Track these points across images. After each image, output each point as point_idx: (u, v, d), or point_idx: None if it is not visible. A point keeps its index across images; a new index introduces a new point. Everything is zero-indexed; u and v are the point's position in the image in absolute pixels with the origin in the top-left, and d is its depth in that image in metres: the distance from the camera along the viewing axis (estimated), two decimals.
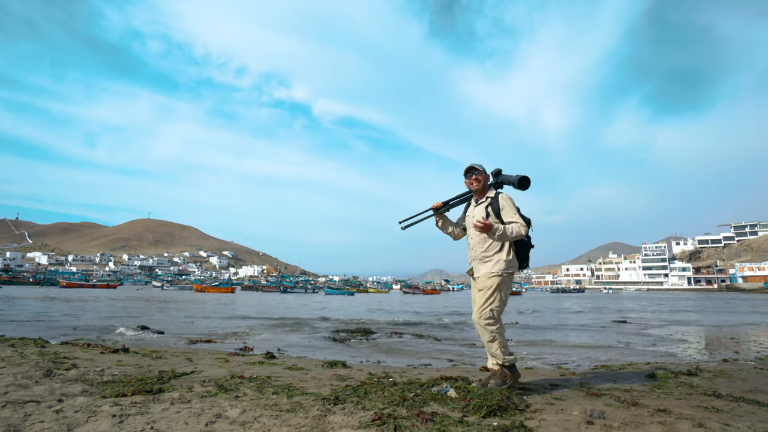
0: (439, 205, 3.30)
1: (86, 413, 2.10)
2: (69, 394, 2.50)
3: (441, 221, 3.34)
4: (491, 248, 3.06)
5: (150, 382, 3.01)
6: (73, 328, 7.30)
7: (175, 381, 3.12)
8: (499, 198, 3.13)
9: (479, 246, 3.11)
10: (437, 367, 4.75)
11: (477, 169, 3.19)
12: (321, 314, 15.13)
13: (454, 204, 3.38)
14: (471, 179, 3.20)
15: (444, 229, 3.36)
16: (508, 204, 3.10)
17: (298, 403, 2.55)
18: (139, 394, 2.59)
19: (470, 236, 3.22)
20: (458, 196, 3.38)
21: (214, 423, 2.12)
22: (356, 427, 2.17)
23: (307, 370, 3.82)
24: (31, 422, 1.94)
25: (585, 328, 11.36)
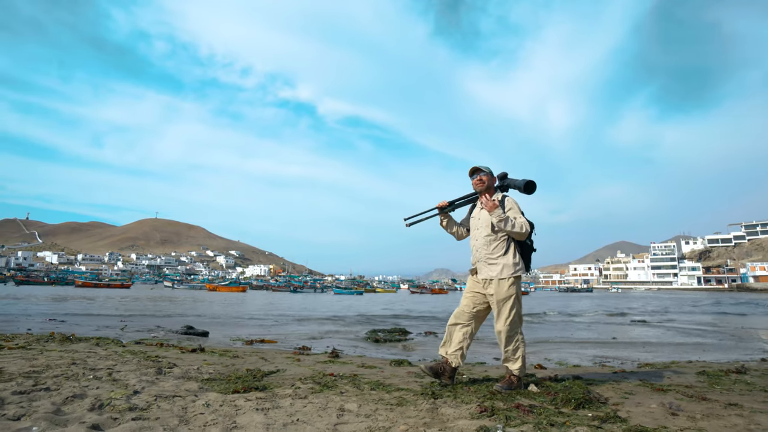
0: (444, 204, 3.36)
1: (230, 407, 2.35)
2: (193, 390, 2.74)
3: (446, 221, 3.40)
4: (497, 250, 3.10)
5: (249, 379, 3.24)
6: (121, 329, 7.60)
7: (269, 379, 3.35)
8: (505, 201, 3.17)
9: (484, 248, 3.13)
10: (491, 365, 4.98)
11: (482, 170, 3.22)
12: (341, 314, 15.39)
13: (460, 204, 3.42)
14: (476, 180, 3.23)
15: (448, 229, 3.42)
16: (515, 207, 3.14)
17: (401, 398, 2.79)
18: (251, 391, 2.82)
19: (474, 238, 3.25)
20: (464, 196, 3.42)
21: (342, 415, 2.36)
22: (470, 418, 2.39)
23: (380, 369, 4.06)
24: (192, 413, 2.18)
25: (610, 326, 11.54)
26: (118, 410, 2.13)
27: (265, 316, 13.25)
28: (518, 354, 3.08)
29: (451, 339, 3.19)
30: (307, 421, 2.21)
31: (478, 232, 3.19)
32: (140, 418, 2.02)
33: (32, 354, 3.59)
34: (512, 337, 3.07)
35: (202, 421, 2.07)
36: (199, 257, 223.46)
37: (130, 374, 3.02)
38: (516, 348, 3.09)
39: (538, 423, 2.32)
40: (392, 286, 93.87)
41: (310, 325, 10.76)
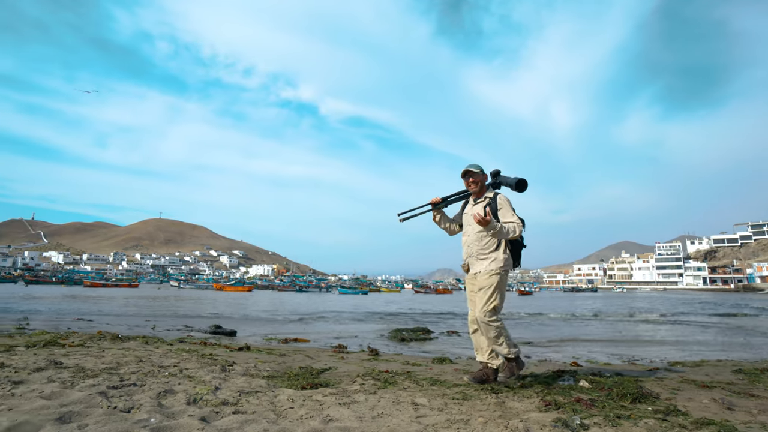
0: (437, 200, 3.41)
1: (313, 401, 2.46)
2: (263, 386, 2.85)
3: (438, 216, 3.45)
4: (488, 246, 3.15)
5: (308, 376, 3.35)
6: (152, 327, 7.74)
7: (326, 376, 3.45)
8: (497, 198, 3.21)
9: (476, 243, 3.20)
10: (530, 361, 5.09)
11: (473, 172, 3.26)
12: (353, 313, 15.51)
13: (453, 201, 3.47)
14: (468, 182, 3.29)
15: (441, 224, 3.48)
16: (506, 205, 3.18)
17: (463, 393, 2.90)
18: (318, 387, 2.92)
19: (466, 233, 3.30)
20: (457, 193, 3.46)
21: (418, 409, 2.48)
22: (540, 411, 2.51)
23: (427, 366, 4.18)
24: (282, 408, 2.30)
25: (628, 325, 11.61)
26: (213, 404, 2.26)
27: (279, 315, 13.40)
28: (501, 339, 3.07)
29: (480, 345, 3.26)
30: (390, 414, 2.33)
31: (471, 228, 3.25)
32: (239, 412, 2.14)
33: (95, 352, 3.72)
34: (489, 325, 3.05)
35: (296, 414, 2.19)
36: (202, 257, 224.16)
37: (200, 371, 3.15)
38: (497, 336, 3.07)
39: (606, 415, 2.43)
40: (396, 285, 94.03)
41: (328, 324, 10.89)
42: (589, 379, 3.43)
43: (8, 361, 3.03)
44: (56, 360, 3.13)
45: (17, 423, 1.74)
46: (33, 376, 2.62)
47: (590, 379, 3.43)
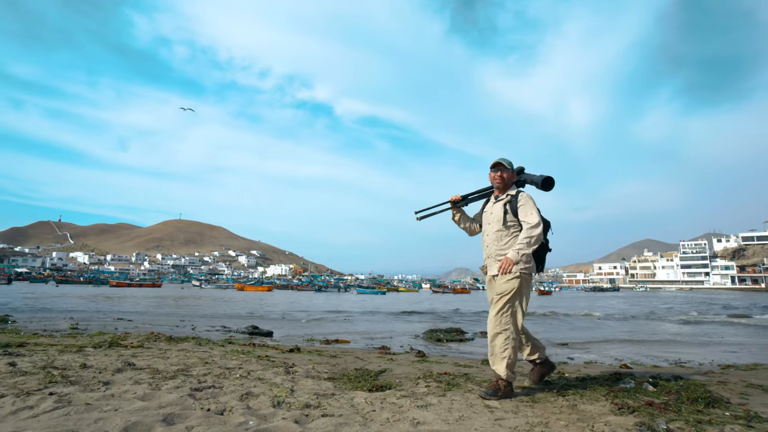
0: (457, 198, 3.25)
1: (390, 404, 2.50)
2: (330, 388, 2.91)
3: (458, 215, 3.29)
4: (507, 246, 2.96)
5: (368, 378, 3.37)
6: (192, 328, 7.93)
7: (385, 377, 3.47)
8: (519, 196, 3.02)
9: (495, 243, 3.02)
10: (576, 363, 5.04)
11: (504, 166, 3.06)
12: (381, 314, 15.57)
13: (474, 199, 3.31)
14: (496, 174, 3.08)
15: (460, 224, 3.31)
16: (528, 203, 2.97)
17: (529, 395, 2.90)
18: (384, 389, 2.94)
19: (486, 233, 3.12)
20: (478, 191, 3.31)
21: (493, 411, 2.48)
22: (614, 414, 2.49)
23: (479, 368, 4.18)
24: (364, 410, 2.33)
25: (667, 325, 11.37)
26: (297, 407, 2.31)
27: (306, 315, 13.55)
28: (505, 354, 2.80)
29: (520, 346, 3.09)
30: (470, 417, 2.34)
31: (490, 227, 3.07)
32: (327, 415, 2.19)
33: (158, 353, 3.84)
34: (500, 334, 2.83)
35: (382, 417, 2.22)
36: (221, 257, 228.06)
37: (265, 373, 3.22)
38: (505, 347, 2.81)
39: (687, 420, 2.40)
40: (414, 285, 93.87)
41: (358, 324, 10.96)
42: (651, 382, 3.38)
43: (87, 361, 3.16)
44: (129, 361, 3.25)
45: (131, 423, 1.82)
46: (116, 377, 2.73)
47: (653, 382, 3.38)
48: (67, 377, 2.58)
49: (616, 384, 3.43)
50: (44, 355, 3.32)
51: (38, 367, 2.85)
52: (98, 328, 6.82)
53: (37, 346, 3.82)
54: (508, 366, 2.79)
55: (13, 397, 2.10)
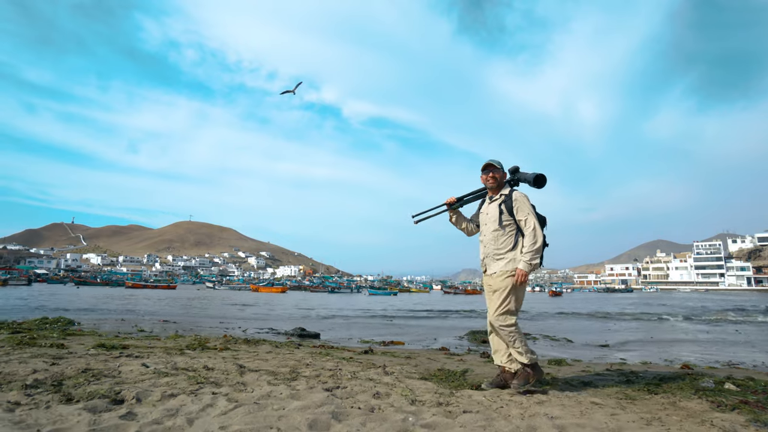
0: (453, 200, 3.34)
1: (512, 402, 2.69)
2: (438, 388, 3.10)
3: (455, 216, 3.38)
4: (504, 245, 3.05)
5: (459, 378, 3.54)
6: (243, 330, 8.18)
7: (472, 377, 3.64)
8: (513, 195, 3.11)
9: (492, 243, 3.10)
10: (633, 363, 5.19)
11: (495, 167, 3.16)
12: (407, 314, 15.74)
13: (469, 200, 3.40)
14: (488, 176, 3.17)
15: (457, 225, 3.40)
16: (523, 202, 3.07)
17: (624, 393, 3.08)
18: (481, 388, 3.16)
19: (483, 233, 3.21)
20: (473, 192, 3.39)
21: (603, 407, 2.67)
22: (719, 411, 2.65)
23: (549, 367, 4.36)
24: (496, 408, 2.52)
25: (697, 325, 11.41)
26: (430, 404, 2.51)
27: (334, 317, 13.78)
28: (518, 344, 2.94)
29: (498, 347, 3.16)
30: (588, 411, 2.52)
31: (486, 227, 3.17)
32: (467, 411, 2.39)
33: (252, 355, 4.07)
34: (503, 329, 2.96)
35: (515, 412, 2.42)
36: (231, 258, 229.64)
37: (369, 373, 3.43)
38: (513, 340, 2.95)
39: None
40: (425, 286, 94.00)
41: (392, 325, 11.13)
42: (732, 382, 3.53)
43: (206, 363, 3.38)
44: (239, 363, 3.47)
45: (311, 420, 2.03)
46: (245, 378, 2.95)
47: (733, 382, 3.54)
48: (207, 378, 2.80)
49: (695, 383, 3.60)
50: (160, 358, 3.56)
51: (170, 368, 3.08)
52: (158, 330, 7.10)
53: (140, 348, 4.07)
54: (526, 351, 2.95)
55: (186, 396, 2.33)
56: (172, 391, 2.40)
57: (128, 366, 3.06)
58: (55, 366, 2.97)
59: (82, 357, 3.40)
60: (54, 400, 2.16)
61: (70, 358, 3.35)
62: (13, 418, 1.86)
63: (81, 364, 3.05)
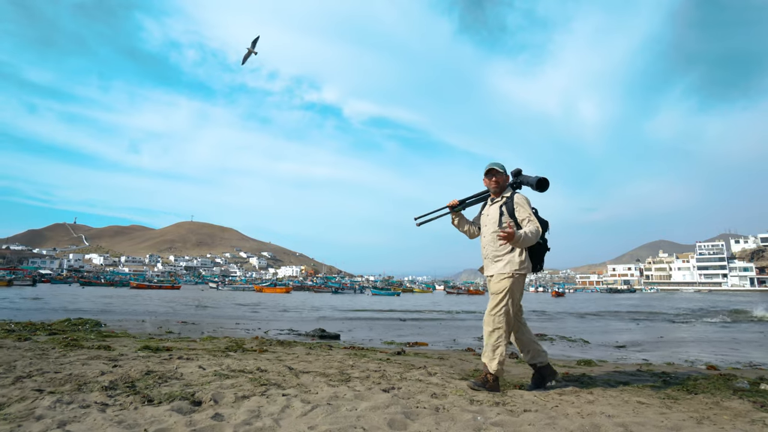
0: (455, 203, 3.39)
1: (560, 400, 2.79)
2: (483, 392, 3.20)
3: (457, 219, 3.43)
4: (502, 248, 3.08)
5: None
6: (265, 332, 8.28)
7: (510, 377, 3.79)
8: (514, 197, 3.14)
9: (490, 245, 3.15)
10: (658, 363, 5.28)
11: (498, 171, 3.19)
12: (414, 315, 15.83)
13: (471, 203, 3.44)
14: (490, 180, 3.22)
15: (460, 227, 3.44)
16: (523, 204, 3.11)
17: (665, 393, 3.17)
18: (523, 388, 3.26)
19: (483, 235, 3.27)
20: (475, 195, 3.44)
21: (650, 406, 2.76)
22: (762, 411, 2.75)
23: (579, 367, 4.46)
24: (552, 407, 2.61)
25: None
26: (489, 404, 2.61)
27: (348, 318, 13.87)
28: (497, 352, 2.99)
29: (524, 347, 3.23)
30: (641, 410, 2.62)
31: (486, 229, 3.22)
32: (528, 410, 2.48)
33: (293, 357, 4.17)
34: (494, 331, 3.01)
35: (571, 411, 2.51)
36: (233, 258, 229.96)
37: (412, 374, 3.52)
38: (496, 345, 2.99)
39: None
40: (427, 287, 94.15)
41: (407, 328, 11.21)
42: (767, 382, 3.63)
43: (258, 365, 3.48)
44: (287, 365, 3.57)
45: (388, 420, 2.13)
46: (302, 379, 3.04)
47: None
48: (268, 380, 2.90)
49: (728, 383, 3.69)
50: (209, 359, 3.66)
51: (226, 370, 3.18)
52: (184, 331, 7.20)
53: (184, 351, 4.17)
54: (500, 363, 2.97)
55: (258, 398, 2.43)
56: (242, 393, 2.50)
57: (186, 368, 3.16)
58: (118, 368, 3.07)
59: (135, 359, 3.50)
60: (136, 401, 2.26)
61: (124, 360, 3.45)
62: (112, 418, 1.96)
63: (141, 366, 3.15)
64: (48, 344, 4.29)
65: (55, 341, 4.56)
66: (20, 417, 1.94)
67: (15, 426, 1.82)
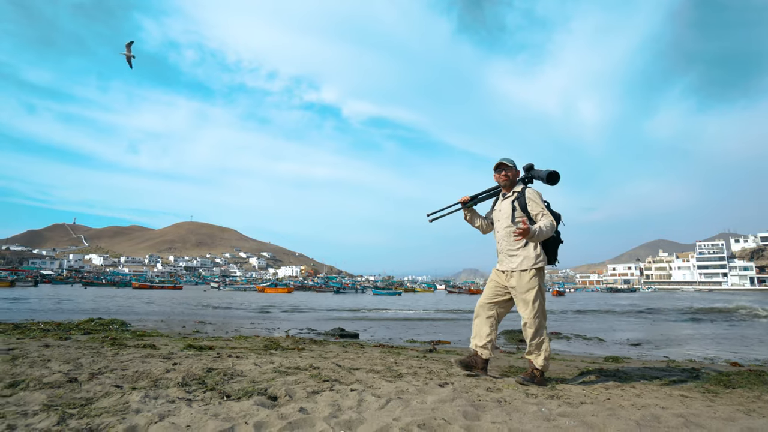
0: (467, 199, 3.43)
1: (609, 393, 2.90)
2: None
3: (469, 215, 3.47)
4: (517, 242, 3.12)
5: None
6: (286, 332, 8.38)
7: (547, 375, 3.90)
8: (525, 192, 3.20)
9: (505, 240, 3.21)
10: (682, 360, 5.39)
11: (507, 165, 3.26)
12: (422, 314, 15.94)
13: (483, 198, 3.50)
14: (500, 174, 3.29)
15: (472, 223, 3.49)
16: (535, 198, 3.16)
17: (704, 387, 3.29)
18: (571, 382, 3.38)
19: (496, 230, 3.33)
20: (487, 190, 3.49)
21: (694, 400, 2.87)
22: None
23: (608, 363, 4.57)
24: (604, 400, 2.74)
25: None
26: (546, 397, 2.71)
27: (355, 318, 13.97)
28: (542, 348, 3.09)
29: (479, 332, 3.29)
30: (684, 402, 2.73)
31: (499, 224, 3.27)
32: (584, 402, 2.59)
33: (335, 355, 4.28)
34: (538, 330, 3.10)
35: (627, 403, 2.62)
36: (232, 259, 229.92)
37: (456, 369, 3.62)
38: (540, 342, 3.10)
39: None
40: (429, 286, 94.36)
41: (424, 327, 11.30)
42: None
43: (310, 363, 3.59)
44: (336, 363, 3.68)
45: (463, 411, 2.24)
46: (358, 375, 3.14)
47: None
48: (328, 376, 2.99)
49: (760, 379, 3.80)
50: (258, 358, 3.76)
51: (282, 367, 3.29)
52: (210, 331, 7.30)
53: (226, 349, 4.27)
54: (545, 358, 3.09)
55: (329, 393, 2.52)
56: (310, 388, 2.60)
57: (242, 366, 3.26)
58: (178, 365, 3.17)
59: (188, 357, 3.60)
60: (215, 396, 2.36)
61: (177, 358, 3.55)
62: (205, 411, 2.06)
63: (198, 364, 3.25)
64: (90, 343, 4.38)
65: (96, 340, 4.65)
66: (118, 410, 2.04)
67: (119, 419, 1.92)
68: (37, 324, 6.18)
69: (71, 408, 2.07)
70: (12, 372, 2.80)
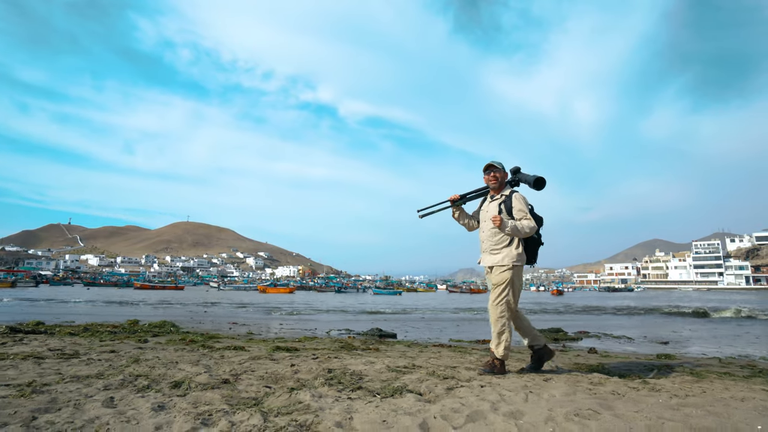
0: (456, 197, 3.64)
1: (655, 392, 3.17)
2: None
3: (458, 213, 3.70)
4: (500, 242, 3.35)
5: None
6: (327, 332, 8.60)
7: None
8: (512, 196, 3.40)
9: (490, 239, 3.41)
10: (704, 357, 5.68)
11: (496, 167, 3.47)
12: (436, 313, 16.16)
13: (471, 198, 3.70)
14: (490, 176, 3.49)
15: (460, 220, 3.72)
16: (521, 203, 3.37)
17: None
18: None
19: (482, 229, 3.54)
20: (475, 190, 3.69)
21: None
22: None
23: (650, 361, 4.86)
24: (688, 398, 3.00)
25: None
26: (648, 389, 2.97)
27: (375, 319, 14.16)
28: (502, 338, 3.30)
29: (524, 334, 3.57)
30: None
31: (485, 224, 3.48)
32: (690, 396, 2.85)
33: (419, 354, 4.52)
34: (498, 320, 3.31)
35: (726, 395, 2.88)
36: (229, 259, 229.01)
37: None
38: (501, 332, 3.30)
39: None
40: (430, 286, 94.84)
41: (452, 326, 11.50)
42: None
43: (412, 362, 3.83)
44: (432, 362, 3.93)
45: (600, 403, 2.49)
46: (462, 373, 3.40)
47: None
48: (442, 374, 3.24)
49: None
50: (354, 359, 4.00)
51: (389, 366, 3.52)
52: (256, 331, 7.52)
53: (308, 350, 4.50)
54: (505, 348, 3.31)
55: (462, 388, 2.76)
56: (441, 384, 2.82)
57: (353, 366, 3.48)
58: (295, 366, 3.39)
59: (291, 359, 3.83)
60: (366, 394, 2.57)
61: (287, 360, 3.78)
62: (380, 406, 2.29)
63: (315, 365, 3.47)
64: (172, 345, 4.59)
65: (173, 342, 4.86)
66: (297, 409, 2.21)
67: (314, 415, 2.14)
68: (103, 326, 6.37)
69: (249, 407, 2.21)
70: (155, 374, 2.99)
